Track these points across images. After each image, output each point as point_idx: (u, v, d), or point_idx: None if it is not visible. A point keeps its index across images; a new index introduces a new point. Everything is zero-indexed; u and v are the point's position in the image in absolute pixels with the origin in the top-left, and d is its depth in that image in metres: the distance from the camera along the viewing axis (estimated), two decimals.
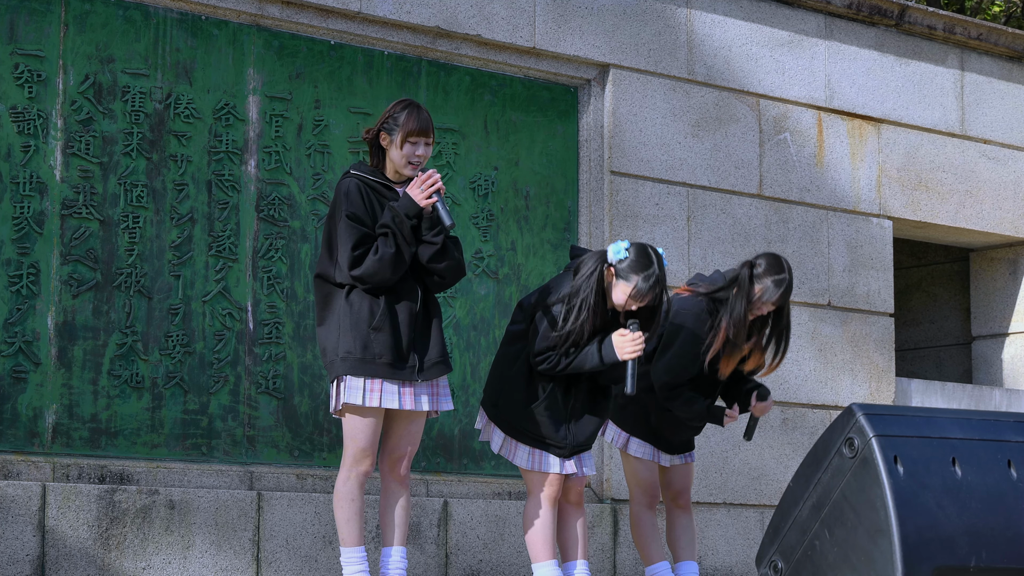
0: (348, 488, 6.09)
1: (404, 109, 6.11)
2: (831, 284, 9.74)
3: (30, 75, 7.35)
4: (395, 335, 6.02)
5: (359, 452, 6.07)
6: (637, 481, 6.96)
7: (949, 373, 11.48)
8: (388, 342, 6.00)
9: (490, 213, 8.62)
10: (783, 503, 6.06)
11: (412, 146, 6.09)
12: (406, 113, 6.09)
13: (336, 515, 6.12)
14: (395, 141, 6.09)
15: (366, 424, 6.06)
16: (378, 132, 6.13)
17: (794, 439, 9.44)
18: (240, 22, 7.93)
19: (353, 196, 6.03)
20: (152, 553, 7.26)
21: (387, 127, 6.11)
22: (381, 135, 6.12)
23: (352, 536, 6.10)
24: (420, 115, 6.10)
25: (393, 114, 6.11)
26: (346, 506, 6.09)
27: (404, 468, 6.21)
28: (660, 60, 9.17)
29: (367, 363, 5.99)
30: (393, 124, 6.09)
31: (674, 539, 7.08)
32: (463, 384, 8.37)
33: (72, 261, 7.38)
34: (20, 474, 7.11)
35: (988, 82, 10.62)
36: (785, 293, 6.72)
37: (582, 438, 6.38)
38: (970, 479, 5.82)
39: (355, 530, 6.10)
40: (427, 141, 6.11)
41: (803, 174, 9.68)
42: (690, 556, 7.08)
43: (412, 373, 6.05)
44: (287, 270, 7.95)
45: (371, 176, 6.11)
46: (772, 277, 6.71)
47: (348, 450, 6.09)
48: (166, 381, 7.57)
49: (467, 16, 8.48)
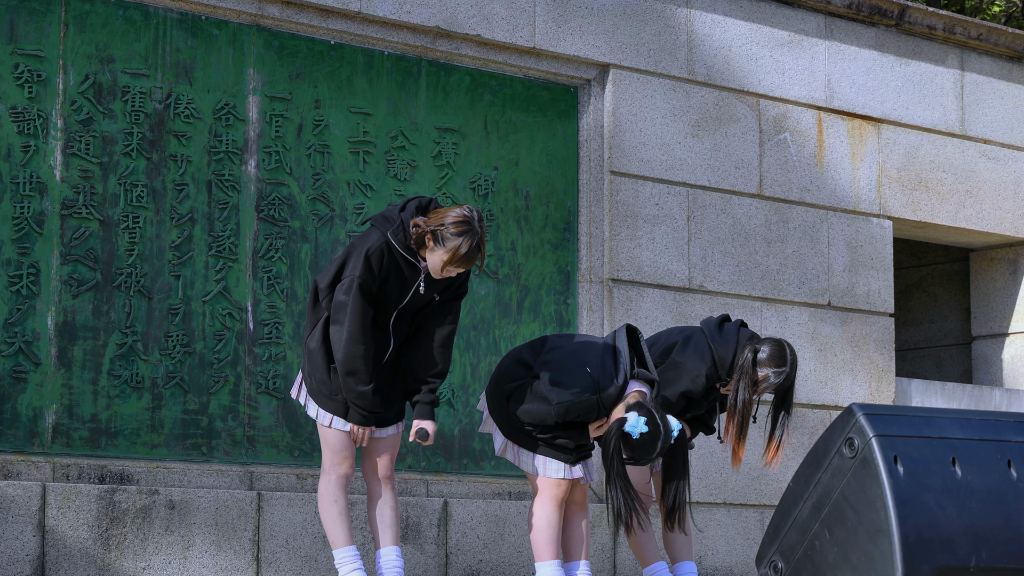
0: (329, 491, 6.18)
1: (461, 236, 5.94)
2: (831, 284, 9.73)
3: (30, 75, 7.34)
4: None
5: (335, 456, 6.19)
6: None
7: (949, 373, 11.47)
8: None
9: (490, 213, 8.61)
10: (783, 503, 6.06)
11: (449, 268, 6.02)
12: (461, 240, 5.94)
13: (323, 519, 6.21)
14: (437, 253, 5.99)
15: (336, 432, 6.20)
16: (427, 232, 5.99)
17: (794, 439, 9.44)
18: (240, 22, 7.93)
19: (375, 260, 6.01)
20: (152, 553, 7.26)
21: (437, 236, 5.97)
22: (428, 237, 5.99)
23: (341, 537, 6.16)
24: (470, 255, 5.95)
25: (450, 231, 5.95)
26: (330, 508, 6.17)
27: (385, 469, 6.26)
28: (660, 60, 9.17)
29: (331, 399, 6.12)
30: (443, 240, 5.95)
31: (670, 540, 7.08)
32: (463, 384, 8.37)
33: (72, 261, 7.38)
34: (20, 474, 7.11)
35: (988, 82, 10.62)
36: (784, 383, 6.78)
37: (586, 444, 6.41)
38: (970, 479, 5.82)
39: (343, 531, 6.16)
40: (467, 267, 6.04)
41: (803, 174, 9.68)
42: (688, 556, 7.08)
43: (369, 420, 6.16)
44: (287, 270, 7.95)
45: (402, 251, 6.06)
46: (773, 369, 6.76)
47: (325, 455, 6.23)
48: (166, 381, 7.57)
49: (467, 16, 8.48)
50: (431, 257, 6.00)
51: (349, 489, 6.36)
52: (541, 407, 6.25)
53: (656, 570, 6.96)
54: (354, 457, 6.22)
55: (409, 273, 6.09)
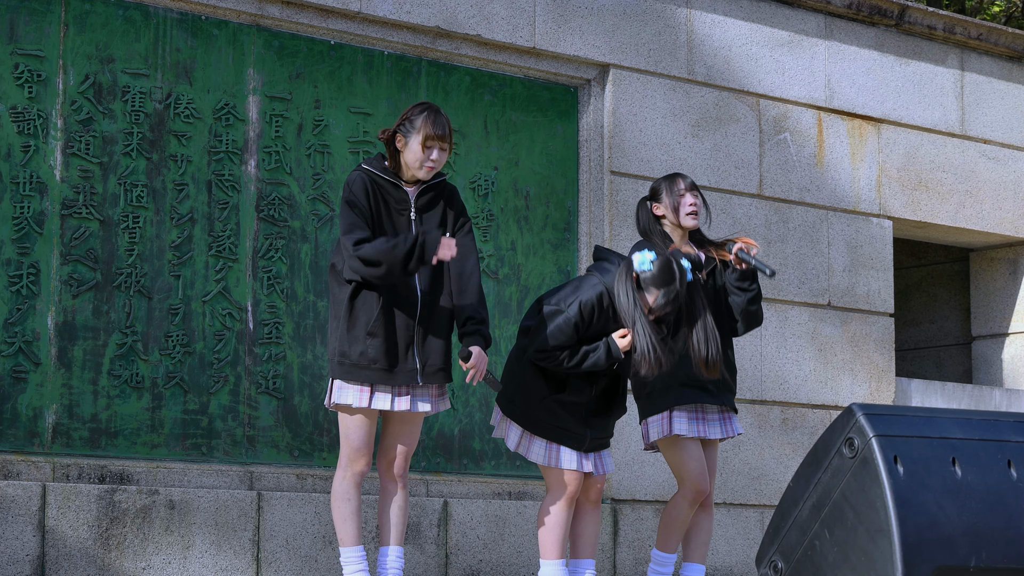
0: (344, 488, 6.11)
1: (422, 112, 6.09)
2: (831, 284, 9.74)
3: (30, 75, 7.35)
4: (390, 340, 6.02)
5: (353, 452, 6.09)
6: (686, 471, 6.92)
7: (949, 373, 11.48)
8: (383, 347, 6.01)
9: (490, 213, 8.62)
10: (783, 503, 6.06)
11: (428, 150, 6.07)
12: (423, 116, 6.07)
13: (333, 515, 6.13)
14: (410, 144, 6.07)
15: (359, 425, 6.08)
16: (394, 133, 6.12)
17: (794, 439, 9.44)
18: (240, 22, 7.93)
19: (356, 187, 6.05)
20: (152, 553, 7.26)
21: (403, 129, 6.09)
22: (397, 136, 6.11)
23: (350, 535, 6.11)
24: (438, 119, 6.08)
25: (410, 116, 6.10)
26: (342, 506, 6.11)
27: (400, 468, 6.21)
28: (660, 60, 9.17)
29: (361, 369, 6.01)
30: (410, 127, 6.08)
31: (689, 536, 7.07)
32: (463, 384, 8.37)
33: (72, 261, 7.38)
34: (20, 474, 7.11)
35: (988, 82, 10.62)
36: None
37: (600, 431, 6.40)
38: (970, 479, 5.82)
39: (352, 529, 6.11)
40: (443, 146, 6.09)
41: (803, 174, 9.68)
42: (700, 559, 7.08)
43: (412, 376, 6.06)
44: (287, 270, 7.95)
45: (381, 173, 6.12)
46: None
47: (343, 450, 6.12)
48: (166, 381, 7.57)
49: (467, 16, 8.48)
50: (409, 153, 6.06)
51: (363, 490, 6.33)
52: (559, 321, 6.24)
53: (664, 559, 6.95)
54: (371, 455, 6.15)
55: (397, 202, 6.11)
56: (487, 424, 8.44)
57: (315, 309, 7.99)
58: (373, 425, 6.10)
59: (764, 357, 9.37)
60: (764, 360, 9.36)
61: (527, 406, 6.34)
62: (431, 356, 6.11)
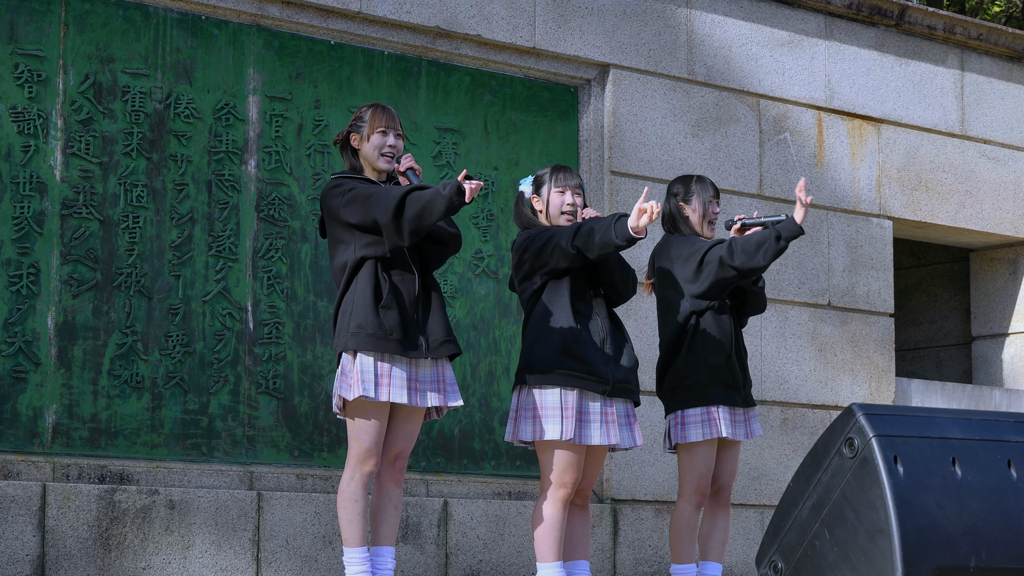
0: (352, 489, 6.10)
1: (369, 108, 6.30)
2: (831, 284, 9.74)
3: (30, 75, 7.35)
4: (403, 313, 6.08)
5: (364, 452, 6.09)
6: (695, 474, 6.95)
7: (949, 373, 11.48)
8: (397, 319, 6.06)
9: (490, 213, 8.62)
10: (783, 503, 6.06)
11: (382, 136, 6.23)
12: (372, 110, 6.28)
13: (339, 515, 6.12)
14: (366, 136, 6.24)
15: (371, 424, 6.08)
16: (347, 135, 6.30)
17: (794, 439, 9.44)
18: (240, 22, 7.93)
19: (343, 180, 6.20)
20: (152, 553, 7.26)
21: (356, 127, 6.29)
22: (351, 136, 6.29)
23: (355, 536, 6.10)
24: (386, 110, 6.28)
25: (360, 115, 6.30)
26: (349, 507, 6.10)
27: (400, 466, 6.23)
28: (660, 60, 9.17)
29: (380, 339, 6.05)
30: (361, 123, 6.27)
31: (705, 534, 7.07)
32: (463, 384, 8.36)
33: (72, 261, 7.38)
34: (20, 474, 7.11)
35: (988, 82, 10.62)
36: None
37: (622, 373, 6.46)
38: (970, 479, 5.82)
39: (358, 530, 6.10)
40: (396, 132, 6.26)
41: (803, 174, 9.68)
42: (717, 557, 7.08)
43: (420, 352, 6.10)
44: (287, 270, 7.95)
45: (353, 174, 6.26)
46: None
47: (352, 450, 6.11)
48: (166, 381, 7.57)
49: (467, 16, 8.48)
50: (367, 146, 6.23)
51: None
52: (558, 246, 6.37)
53: (683, 570, 6.95)
54: (380, 456, 6.16)
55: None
56: (487, 424, 8.44)
57: (315, 309, 7.99)
58: (384, 425, 6.11)
59: (764, 357, 9.37)
60: (764, 360, 9.36)
61: (545, 360, 6.36)
62: (435, 330, 6.19)
